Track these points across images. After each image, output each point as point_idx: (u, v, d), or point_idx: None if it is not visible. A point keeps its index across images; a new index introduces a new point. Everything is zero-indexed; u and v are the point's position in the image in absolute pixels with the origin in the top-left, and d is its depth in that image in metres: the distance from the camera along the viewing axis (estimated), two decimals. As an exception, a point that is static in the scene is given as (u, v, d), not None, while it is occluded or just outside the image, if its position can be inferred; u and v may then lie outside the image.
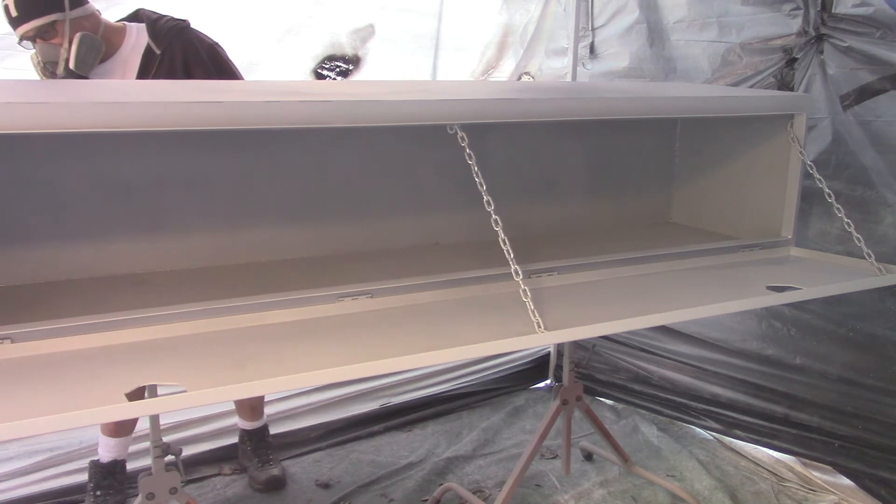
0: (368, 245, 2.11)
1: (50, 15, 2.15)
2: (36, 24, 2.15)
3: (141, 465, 2.58)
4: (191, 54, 2.35)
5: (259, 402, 2.81)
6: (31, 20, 2.15)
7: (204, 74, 2.36)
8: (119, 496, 2.56)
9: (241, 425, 2.83)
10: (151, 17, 2.39)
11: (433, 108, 1.58)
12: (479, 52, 3.40)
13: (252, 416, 2.81)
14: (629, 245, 2.07)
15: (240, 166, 1.95)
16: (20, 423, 1.07)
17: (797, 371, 2.79)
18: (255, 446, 2.80)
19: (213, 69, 2.38)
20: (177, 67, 2.33)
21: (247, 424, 2.82)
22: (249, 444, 2.81)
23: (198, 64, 2.35)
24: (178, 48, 2.34)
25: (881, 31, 2.42)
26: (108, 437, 2.54)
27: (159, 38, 2.33)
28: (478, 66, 3.42)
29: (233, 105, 1.39)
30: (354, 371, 1.29)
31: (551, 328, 1.45)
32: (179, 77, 2.33)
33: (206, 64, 2.37)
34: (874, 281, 1.88)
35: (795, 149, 2.07)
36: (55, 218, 1.78)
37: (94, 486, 2.54)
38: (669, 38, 3.04)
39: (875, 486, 2.61)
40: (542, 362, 3.72)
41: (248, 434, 2.83)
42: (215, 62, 2.40)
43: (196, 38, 2.39)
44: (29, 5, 2.14)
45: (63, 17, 2.17)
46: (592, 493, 2.72)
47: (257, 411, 2.82)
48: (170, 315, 1.46)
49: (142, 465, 2.54)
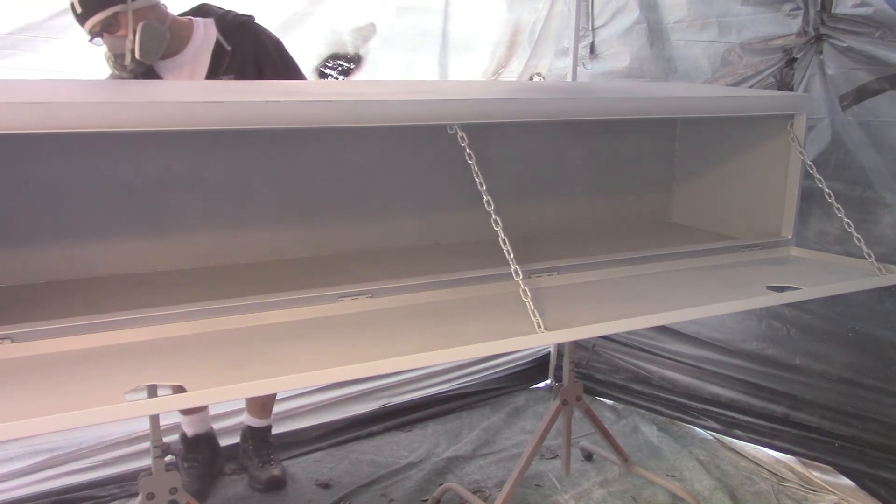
0: (368, 245, 2.11)
1: (112, 7, 2.17)
2: (100, 17, 2.17)
3: (141, 465, 2.59)
4: (261, 51, 2.38)
5: (271, 399, 2.83)
6: (95, 14, 2.17)
7: (272, 70, 2.38)
8: (205, 468, 2.70)
9: (248, 422, 2.84)
10: (218, 13, 2.41)
11: (433, 108, 1.58)
12: (490, 50, 3.39)
13: (261, 413, 2.83)
14: (629, 245, 2.07)
15: (240, 166, 1.95)
16: (20, 423, 1.07)
17: (797, 371, 2.79)
18: (257, 445, 2.80)
19: (280, 65, 2.41)
20: (248, 64, 2.35)
21: (253, 421, 2.83)
22: (251, 444, 2.82)
23: (267, 60, 2.38)
24: (248, 45, 2.36)
25: (880, 32, 2.42)
26: (182, 414, 2.68)
27: (228, 33, 2.36)
28: (489, 64, 3.41)
29: (233, 105, 1.39)
30: (354, 371, 1.29)
31: (551, 328, 1.45)
32: (250, 73, 2.36)
33: (275, 60, 2.40)
34: (874, 281, 1.88)
35: (795, 149, 2.07)
36: (55, 218, 1.78)
37: (181, 457, 2.67)
38: (669, 39, 3.04)
39: (875, 486, 2.61)
40: (542, 362, 3.72)
41: (251, 432, 2.83)
42: (282, 58, 2.43)
43: (264, 33, 2.42)
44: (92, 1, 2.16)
45: (125, 8, 2.18)
46: (592, 493, 2.72)
47: (267, 409, 2.84)
48: (170, 315, 1.46)
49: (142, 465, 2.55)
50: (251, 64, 2.36)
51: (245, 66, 2.35)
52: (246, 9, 2.52)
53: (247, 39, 2.37)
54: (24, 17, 2.38)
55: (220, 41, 2.34)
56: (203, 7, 2.45)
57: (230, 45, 2.34)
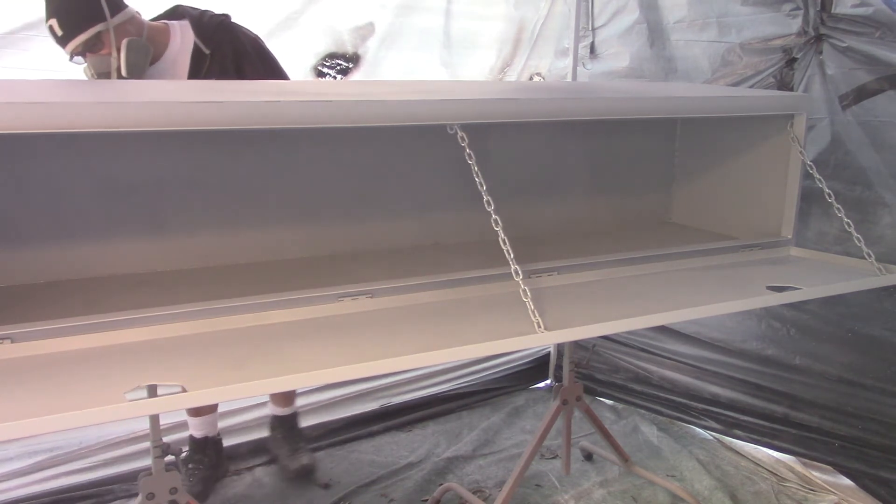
0: (368, 245, 2.11)
1: (93, 27, 2.13)
2: (81, 38, 2.13)
3: (141, 465, 2.59)
4: (240, 51, 2.34)
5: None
6: (77, 36, 2.13)
7: (253, 70, 2.35)
8: (209, 471, 2.68)
9: (273, 411, 2.88)
10: (193, 14, 2.37)
11: (433, 108, 1.58)
12: (496, 48, 3.38)
13: (284, 401, 2.86)
14: (629, 245, 2.07)
15: (240, 166, 1.95)
16: (20, 423, 1.07)
17: (797, 371, 2.79)
18: (286, 434, 2.85)
19: (260, 65, 2.38)
20: (228, 66, 2.32)
21: (278, 410, 2.87)
22: (280, 432, 2.85)
23: (247, 60, 2.35)
24: (226, 46, 2.33)
25: (880, 32, 2.42)
26: (191, 416, 2.67)
27: (206, 36, 2.32)
28: (495, 62, 3.40)
29: (233, 105, 1.39)
30: (354, 371, 1.29)
31: (551, 328, 1.45)
32: (231, 75, 2.33)
33: (254, 59, 2.36)
34: (874, 281, 1.88)
35: (795, 149, 2.07)
36: (55, 218, 1.78)
37: (187, 458, 2.67)
38: (669, 38, 3.04)
39: (875, 486, 2.61)
40: (542, 362, 3.72)
41: (278, 420, 2.87)
42: (261, 56, 2.40)
43: (241, 33, 2.39)
44: (72, 22, 2.13)
45: (106, 26, 2.15)
46: (592, 493, 2.72)
47: (289, 397, 2.87)
48: (170, 315, 1.46)
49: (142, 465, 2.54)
50: (231, 65, 2.32)
51: (225, 68, 2.31)
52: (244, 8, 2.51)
53: (225, 41, 2.32)
54: (22, 16, 2.38)
55: (199, 45, 2.30)
56: (177, 9, 2.41)
57: (208, 48, 2.30)
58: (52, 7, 2.13)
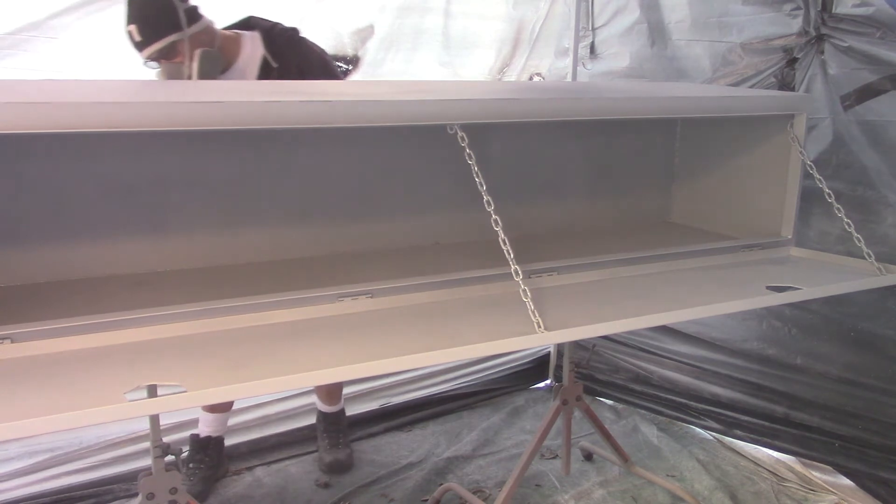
0: (368, 245, 2.11)
1: (170, 36, 2.19)
2: (157, 46, 2.19)
3: (141, 465, 2.59)
4: (305, 66, 2.40)
5: (336, 387, 2.93)
6: (154, 43, 2.18)
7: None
8: (210, 471, 2.70)
9: (319, 407, 2.97)
10: (265, 26, 2.42)
11: (433, 108, 1.58)
12: (496, 48, 3.37)
13: (328, 400, 2.93)
14: (629, 245, 2.07)
15: (240, 166, 1.95)
16: (20, 423, 1.07)
17: (797, 371, 2.78)
18: (326, 428, 2.92)
19: (324, 78, 2.42)
20: (293, 79, 2.36)
21: (323, 407, 2.95)
22: (323, 426, 2.93)
23: (311, 75, 2.40)
24: (293, 59, 2.38)
25: (881, 32, 2.41)
26: (206, 412, 2.68)
27: (275, 49, 2.37)
28: (495, 62, 3.40)
29: (233, 105, 1.39)
30: (354, 371, 1.30)
31: (551, 328, 1.45)
32: None
33: (318, 74, 2.42)
34: (874, 281, 1.88)
35: (796, 149, 2.07)
36: (55, 218, 1.78)
37: (188, 458, 2.68)
38: (670, 38, 3.04)
39: (875, 486, 2.61)
40: (542, 362, 3.72)
41: (322, 416, 2.96)
42: (325, 71, 2.45)
43: (308, 48, 2.44)
44: (150, 30, 2.18)
45: (182, 35, 2.20)
46: (592, 493, 2.72)
47: (333, 396, 2.94)
48: (170, 315, 1.46)
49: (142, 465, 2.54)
50: (296, 78, 2.37)
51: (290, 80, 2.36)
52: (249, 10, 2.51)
53: (291, 54, 2.38)
54: (24, 17, 2.38)
55: (267, 58, 2.36)
56: (250, 20, 2.46)
57: (276, 61, 2.36)
58: (133, 14, 2.18)
